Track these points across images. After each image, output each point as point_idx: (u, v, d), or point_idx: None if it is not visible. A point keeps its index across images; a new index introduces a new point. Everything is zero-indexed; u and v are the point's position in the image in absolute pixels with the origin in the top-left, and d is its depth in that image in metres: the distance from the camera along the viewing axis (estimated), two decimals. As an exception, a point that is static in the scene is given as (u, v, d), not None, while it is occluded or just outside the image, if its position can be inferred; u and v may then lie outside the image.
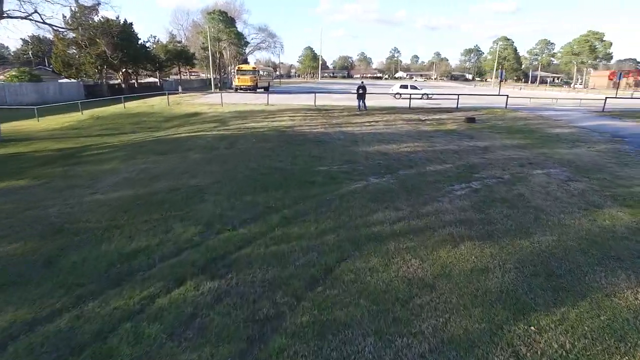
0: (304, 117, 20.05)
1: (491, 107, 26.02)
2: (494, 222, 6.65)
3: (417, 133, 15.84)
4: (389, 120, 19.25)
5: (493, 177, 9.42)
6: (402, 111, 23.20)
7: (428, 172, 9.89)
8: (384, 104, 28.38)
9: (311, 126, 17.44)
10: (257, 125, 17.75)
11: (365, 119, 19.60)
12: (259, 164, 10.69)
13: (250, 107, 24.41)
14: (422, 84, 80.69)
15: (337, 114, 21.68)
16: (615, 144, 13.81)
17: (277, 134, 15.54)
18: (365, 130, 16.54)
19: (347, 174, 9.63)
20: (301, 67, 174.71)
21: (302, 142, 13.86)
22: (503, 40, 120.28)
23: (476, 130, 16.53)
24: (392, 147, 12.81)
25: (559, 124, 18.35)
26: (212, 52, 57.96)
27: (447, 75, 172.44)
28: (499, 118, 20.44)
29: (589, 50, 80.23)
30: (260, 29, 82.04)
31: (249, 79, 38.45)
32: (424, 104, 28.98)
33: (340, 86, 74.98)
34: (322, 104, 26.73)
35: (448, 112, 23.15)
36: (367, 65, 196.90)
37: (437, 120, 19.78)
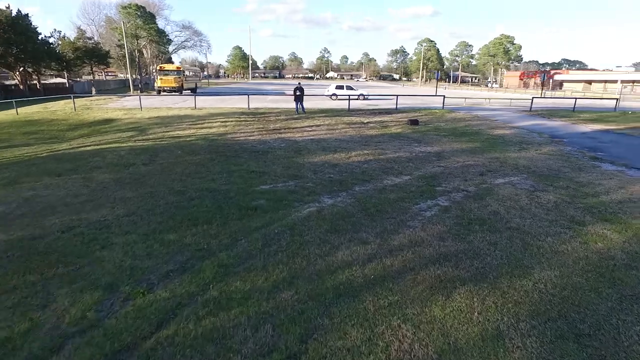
0: (237, 123, 18.07)
1: (428, 107, 26.05)
2: (481, 254, 5.52)
3: (363, 138, 14.73)
4: (330, 124, 18.00)
5: (457, 189, 8.45)
6: (342, 113, 22.16)
7: (387, 186, 8.67)
8: (321, 105, 27.23)
9: (247, 133, 15.58)
10: (183, 133, 15.46)
11: (306, 123, 18.17)
12: (186, 185, 8.71)
13: (174, 112, 21.77)
14: (355, 84, 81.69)
15: (274, 118, 20.00)
16: (557, 145, 13.85)
17: (208, 143, 13.48)
18: (307, 136, 15.08)
19: (295, 194, 8.06)
20: (230, 67, 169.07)
21: (237, 153, 12.00)
22: (427, 41, 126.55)
23: (422, 134, 15.87)
24: (341, 157, 11.48)
25: (497, 125, 18.45)
26: (129, 50, 52.95)
27: (376, 75, 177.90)
28: (439, 119, 20.19)
29: (503, 52, 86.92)
30: (184, 26, 77.14)
31: (173, 80, 35.12)
32: (362, 105, 28.35)
33: (273, 87, 72.89)
34: (257, 107, 24.86)
35: (388, 113, 22.58)
36: (298, 65, 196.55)
37: (380, 122, 18.97)
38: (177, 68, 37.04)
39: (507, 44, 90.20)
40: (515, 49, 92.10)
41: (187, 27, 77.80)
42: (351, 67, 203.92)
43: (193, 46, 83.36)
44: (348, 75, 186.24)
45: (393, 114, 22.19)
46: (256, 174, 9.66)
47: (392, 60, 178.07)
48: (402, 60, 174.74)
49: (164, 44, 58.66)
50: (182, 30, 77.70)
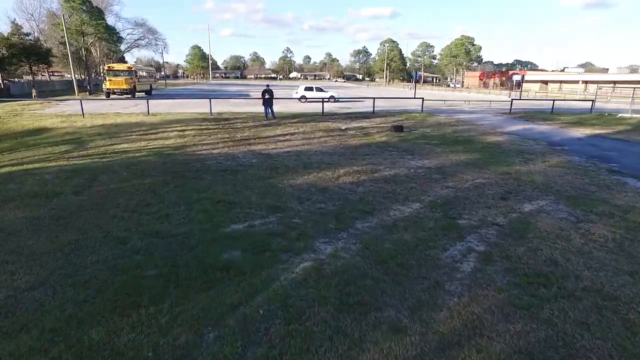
0: (198, 132, 15.61)
1: (406, 110, 24.60)
2: (577, 346, 3.69)
3: (347, 150, 12.79)
4: (306, 132, 15.94)
5: (485, 223, 6.68)
6: (316, 118, 20.17)
7: (396, 221, 6.75)
8: (291, 108, 25.12)
9: (210, 145, 13.21)
10: (131, 147, 12.85)
11: (278, 131, 16.01)
12: (129, 227, 6.38)
13: (123, 119, 18.89)
14: (321, 84, 79.76)
15: (241, 124, 17.68)
16: (561, 154, 12.57)
17: (162, 160, 11.03)
18: (282, 148, 12.94)
19: (280, 238, 5.97)
20: (189, 67, 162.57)
21: (199, 173, 9.69)
22: (389, 42, 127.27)
23: (411, 143, 14.16)
24: (328, 176, 9.46)
25: (486, 130, 17.14)
26: (75, 48, 48.37)
27: (340, 76, 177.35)
28: (423, 124, 18.66)
29: (465, 53, 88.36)
30: (137, 23, 72.33)
31: (123, 81, 31.66)
32: (335, 107, 26.50)
33: (236, 87, 69.60)
34: (220, 112, 22.37)
35: (366, 118, 20.84)
36: (260, 66, 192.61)
37: (361, 129, 17.13)
38: (128, 68, 33.48)
39: (468, 44, 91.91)
40: (475, 50, 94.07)
41: (140, 25, 73.02)
42: (314, 67, 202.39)
43: (148, 45, 78.54)
44: (311, 75, 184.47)
45: (372, 119, 20.47)
46: (225, 204, 7.44)
47: (355, 60, 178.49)
48: (364, 60, 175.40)
49: (114, 41, 54.11)
50: (135, 27, 72.84)
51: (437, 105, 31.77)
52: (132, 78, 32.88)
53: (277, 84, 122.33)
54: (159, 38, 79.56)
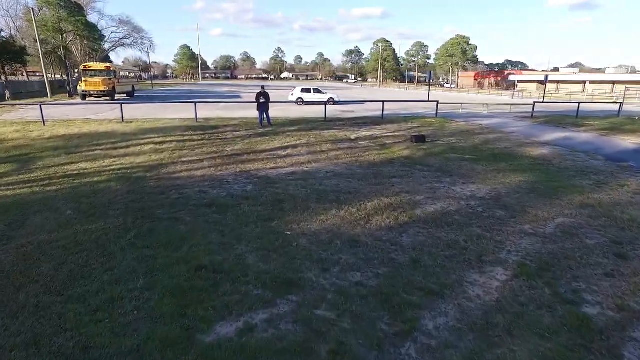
0: (179, 145, 12.83)
1: (417, 115, 22.06)
2: None
3: (366, 169, 10.15)
4: (311, 144, 13.27)
5: (635, 315, 4.10)
6: (319, 125, 17.51)
7: (487, 312, 4.13)
8: (288, 113, 22.42)
9: (192, 164, 10.47)
10: (91, 167, 10.04)
11: (277, 143, 13.31)
12: (42, 333, 3.66)
13: (91, 127, 16.02)
14: (315, 85, 76.63)
15: (232, 134, 14.93)
16: (632, 173, 10.09)
17: (127, 189, 8.26)
18: (284, 167, 10.25)
19: None
20: (178, 67, 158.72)
21: (174, 211, 6.96)
22: (382, 42, 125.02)
23: (441, 158, 11.56)
24: (354, 215, 6.80)
25: (521, 140, 14.63)
26: (53, 47, 45.08)
27: (332, 76, 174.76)
28: (445, 133, 16.09)
29: (461, 53, 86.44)
30: (122, 21, 68.96)
31: (101, 82, 28.61)
32: (337, 111, 23.85)
33: (226, 88, 66.41)
34: (208, 117, 19.59)
35: (375, 124, 18.23)
36: (251, 66, 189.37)
37: (374, 139, 14.51)
38: (106, 67, 30.39)
39: (464, 44, 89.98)
40: (471, 49, 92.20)
41: (125, 23, 69.64)
42: (306, 67, 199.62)
43: (133, 44, 75.21)
44: (303, 75, 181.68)
45: (382, 125, 17.87)
46: (207, 275, 4.77)
47: (347, 60, 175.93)
48: (357, 60, 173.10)
49: (95, 40, 50.79)
50: (120, 25, 69.49)
51: (448, 109, 29.34)
52: (111, 79, 29.83)
53: (269, 84, 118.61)
54: (145, 37, 76.38)
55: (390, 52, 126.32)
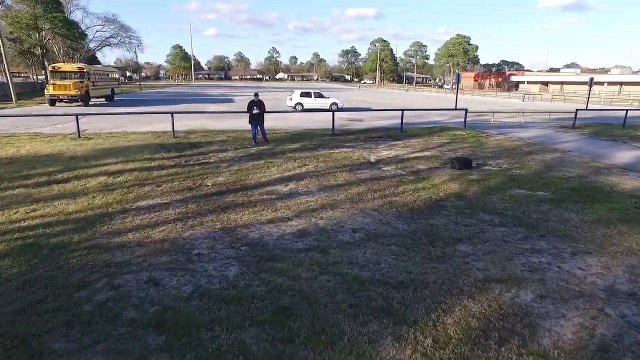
0: (141, 177, 9.40)
1: (438, 124, 18.82)
2: None
3: (412, 221, 6.80)
4: (320, 172, 9.90)
5: None
6: (326, 140, 14.16)
7: None
8: (287, 121, 19.06)
9: (150, 214, 7.07)
10: (-7, 222, 6.62)
11: (275, 171, 9.93)
12: None
13: (34, 147, 12.49)
14: (310, 86, 72.57)
15: (217, 156, 11.52)
16: None
17: (22, 275, 4.87)
18: (289, 221, 6.88)
19: None
20: (170, 67, 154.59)
21: (84, 338, 3.59)
22: (380, 41, 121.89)
23: (506, 196, 8.23)
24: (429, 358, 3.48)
25: (589, 164, 11.32)
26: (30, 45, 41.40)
27: (328, 76, 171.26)
28: (485, 151, 12.76)
29: (463, 53, 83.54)
30: (107, 19, 65.24)
31: (72, 86, 25.02)
32: (343, 119, 20.53)
33: (219, 90, 62.59)
34: (190, 129, 16.17)
35: (395, 138, 14.91)
36: (245, 66, 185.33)
37: (400, 163, 11.17)
38: (78, 69, 26.74)
39: (464, 44, 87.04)
40: (472, 49, 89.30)
41: (111, 21, 65.97)
42: (301, 67, 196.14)
43: (120, 43, 71.59)
44: (299, 76, 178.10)
45: (403, 140, 14.54)
46: None
47: (343, 60, 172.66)
48: (353, 61, 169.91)
49: (75, 38, 47.04)
50: (105, 24, 65.81)
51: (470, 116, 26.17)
52: (84, 81, 26.25)
53: (263, 85, 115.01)
54: (132, 36, 72.64)
55: (387, 52, 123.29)
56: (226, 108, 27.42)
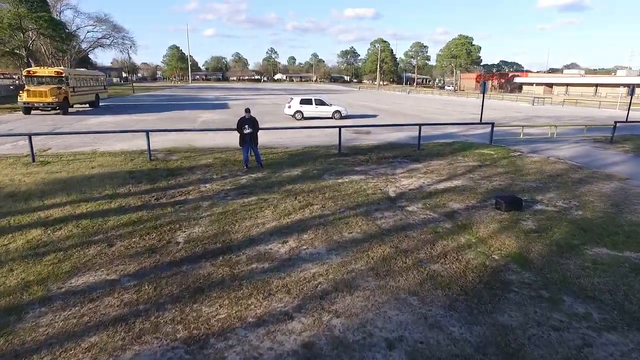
0: (88, 231, 7.09)
1: (460, 140, 16.58)
2: None
3: (473, 322, 4.55)
4: (328, 219, 7.60)
5: None
6: (332, 164, 11.86)
7: None
8: (285, 135, 16.77)
9: (81, 302, 4.81)
10: None
11: (270, 215, 7.64)
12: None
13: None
14: (309, 88, 70.19)
15: (198, 189, 9.22)
16: None
17: None
18: (287, 315, 4.63)
19: None
20: (167, 68, 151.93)
21: None
22: (380, 42, 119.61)
23: (588, 261, 5.98)
24: None
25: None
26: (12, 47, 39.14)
27: (326, 77, 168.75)
28: (527, 179, 10.47)
29: (466, 53, 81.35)
30: (99, 19, 62.91)
31: (48, 92, 22.68)
32: (349, 132, 18.27)
33: (215, 92, 60.04)
34: (172, 147, 13.89)
35: (412, 159, 12.63)
36: (243, 67, 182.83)
37: (426, 198, 8.89)
38: (56, 73, 24.32)
39: (467, 45, 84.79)
40: (475, 50, 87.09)
41: (102, 21, 63.63)
42: (300, 68, 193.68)
43: (113, 44, 69.25)
44: (297, 77, 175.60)
45: (424, 162, 12.25)
46: None
47: (342, 61, 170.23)
48: (352, 61, 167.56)
49: (62, 39, 44.62)
50: (97, 24, 63.47)
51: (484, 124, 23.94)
52: (62, 87, 23.91)
53: (261, 86, 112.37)
54: (126, 36, 70.27)
55: (388, 53, 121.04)
56: (219, 117, 25.11)
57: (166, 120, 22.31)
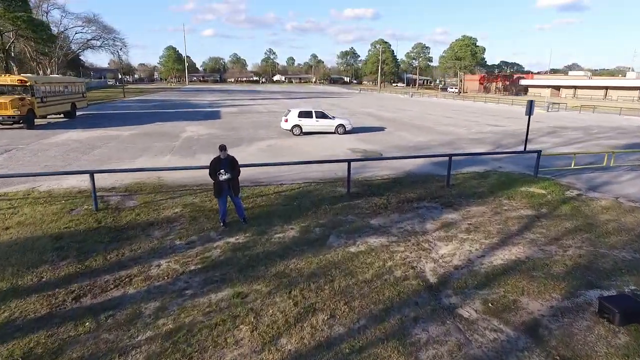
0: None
1: (482, 159, 13.68)
2: None
3: None
4: (340, 334, 4.71)
5: None
6: (339, 211, 8.92)
7: None
8: (280, 153, 13.82)
9: None
10: None
11: (247, 335, 4.73)
12: None
13: None
14: (308, 91, 66.64)
15: (145, 274, 6.29)
16: None
17: None
18: None
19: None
20: (163, 69, 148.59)
21: None
22: (381, 43, 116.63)
23: None
24: None
25: None
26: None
27: (326, 79, 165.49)
28: (617, 245, 7.52)
29: (471, 55, 78.42)
30: (89, 19, 59.94)
31: (8, 104, 19.70)
32: (357, 152, 15.37)
33: (210, 96, 56.58)
34: (136, 183, 10.92)
35: (443, 202, 9.69)
36: (241, 68, 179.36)
37: (478, 282, 6.02)
38: (19, 82, 21.25)
39: (472, 46, 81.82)
40: (479, 51, 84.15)
41: (91, 21, 60.67)
42: (299, 69, 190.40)
43: (104, 46, 66.29)
44: (296, 78, 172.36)
45: (458, 208, 9.31)
46: None
47: (342, 62, 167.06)
48: (352, 62, 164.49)
49: (43, 41, 41.61)
50: (85, 24, 60.50)
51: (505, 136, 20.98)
52: (26, 98, 20.93)
53: (259, 88, 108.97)
54: (117, 38, 67.28)
55: (389, 54, 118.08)
56: (206, 132, 22.17)
57: (143, 138, 19.38)
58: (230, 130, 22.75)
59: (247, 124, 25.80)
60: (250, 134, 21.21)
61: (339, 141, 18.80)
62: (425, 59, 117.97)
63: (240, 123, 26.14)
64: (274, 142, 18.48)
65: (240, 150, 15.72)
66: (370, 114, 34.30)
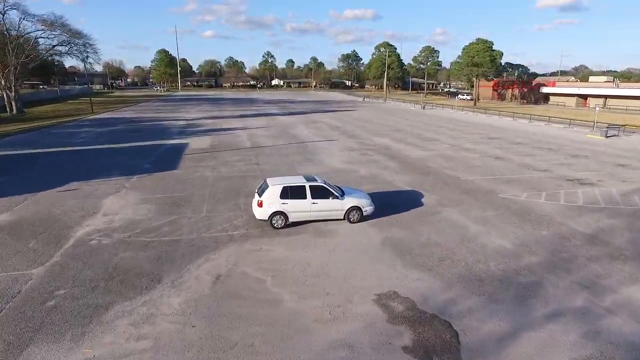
0: None
1: None
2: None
3: None
4: None
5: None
6: None
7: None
8: None
9: None
10: None
11: None
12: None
13: None
14: (307, 98, 57.12)
15: None
16: None
17: None
18: None
19: None
20: (155, 74, 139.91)
21: None
22: (386, 46, 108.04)
23: None
24: None
25: None
26: None
27: (326, 83, 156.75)
28: None
29: (490, 61, 69.84)
30: (52, 23, 51.33)
31: None
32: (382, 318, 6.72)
33: (194, 110, 45.06)
34: None
35: None
36: (239, 71, 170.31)
37: None
38: None
39: (489, 50, 73.29)
40: (497, 56, 75.53)
41: (56, 24, 52.06)
42: (299, 72, 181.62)
43: (71, 52, 57.70)
44: (295, 82, 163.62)
45: None
46: None
47: (344, 65, 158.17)
48: (354, 65, 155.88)
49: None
50: (49, 29, 51.87)
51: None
52: None
53: (255, 95, 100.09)
54: (88, 43, 58.68)
55: (394, 58, 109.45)
56: (124, 218, 13.71)
57: (16, 232, 10.88)
58: (168, 212, 13.55)
59: (208, 184, 16.85)
60: (197, 225, 12.26)
61: (355, 251, 10.29)
62: (434, 63, 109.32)
63: (199, 183, 17.01)
64: (229, 264, 9.89)
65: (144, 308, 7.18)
66: (387, 150, 25.63)
